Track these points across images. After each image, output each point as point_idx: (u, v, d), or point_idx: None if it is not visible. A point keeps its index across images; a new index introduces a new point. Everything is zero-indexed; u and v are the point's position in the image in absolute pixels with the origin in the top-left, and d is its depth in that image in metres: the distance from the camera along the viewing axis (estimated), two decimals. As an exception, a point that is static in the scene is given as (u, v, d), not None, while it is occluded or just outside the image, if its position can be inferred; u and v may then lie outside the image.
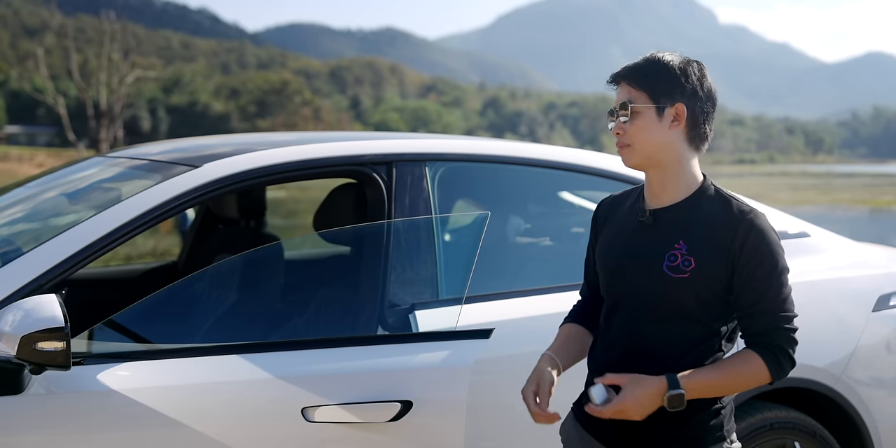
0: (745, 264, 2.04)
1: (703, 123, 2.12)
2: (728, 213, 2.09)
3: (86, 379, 2.22)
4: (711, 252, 2.06)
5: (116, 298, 2.94)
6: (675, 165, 2.12)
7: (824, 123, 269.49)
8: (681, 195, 2.13)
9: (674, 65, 2.11)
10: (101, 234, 2.39)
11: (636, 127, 2.09)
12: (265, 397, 2.27)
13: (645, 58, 2.15)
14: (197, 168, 2.62)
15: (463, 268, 2.71)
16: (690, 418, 2.12)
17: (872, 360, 3.29)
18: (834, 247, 3.49)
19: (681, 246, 2.08)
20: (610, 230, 2.24)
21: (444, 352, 2.31)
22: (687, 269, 2.06)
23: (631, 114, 2.09)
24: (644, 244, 2.13)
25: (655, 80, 2.09)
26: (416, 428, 2.28)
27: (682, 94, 2.09)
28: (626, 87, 2.12)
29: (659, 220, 2.13)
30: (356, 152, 2.85)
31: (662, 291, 2.09)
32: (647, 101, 2.09)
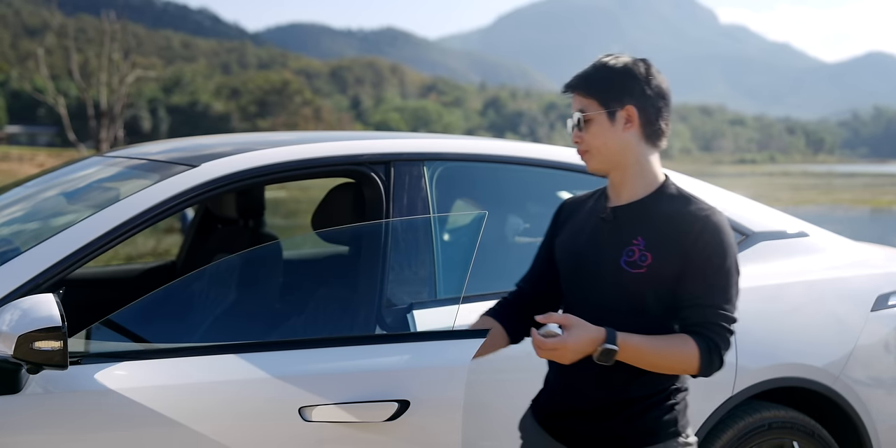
0: (696, 257, 2.10)
1: (657, 120, 2.18)
2: (687, 210, 2.14)
3: (83, 378, 2.22)
4: (668, 248, 2.11)
5: (115, 298, 2.94)
6: (635, 165, 2.19)
7: (825, 123, 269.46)
8: (640, 193, 2.20)
9: (618, 68, 2.17)
10: (99, 233, 2.39)
11: (591, 133, 2.17)
12: (262, 397, 2.27)
13: (593, 64, 2.21)
14: (195, 167, 2.62)
15: (461, 267, 2.71)
16: (645, 414, 2.17)
17: (871, 360, 3.29)
18: (833, 246, 3.49)
19: (639, 242, 2.14)
20: (571, 228, 2.30)
21: (442, 351, 2.30)
22: (644, 263, 2.12)
23: (585, 122, 2.16)
24: (603, 240, 2.19)
25: (603, 86, 2.16)
26: (414, 427, 2.27)
27: (630, 95, 2.15)
28: (578, 96, 2.19)
29: (619, 217, 2.20)
30: (354, 152, 2.85)
31: (620, 286, 2.14)
32: (598, 108, 2.16)
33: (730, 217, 3.28)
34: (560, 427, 2.26)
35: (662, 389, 2.19)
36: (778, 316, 3.18)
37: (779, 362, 3.13)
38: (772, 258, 3.27)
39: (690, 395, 2.21)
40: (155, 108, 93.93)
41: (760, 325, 3.11)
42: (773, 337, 3.14)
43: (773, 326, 3.15)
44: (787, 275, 3.26)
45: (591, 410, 2.21)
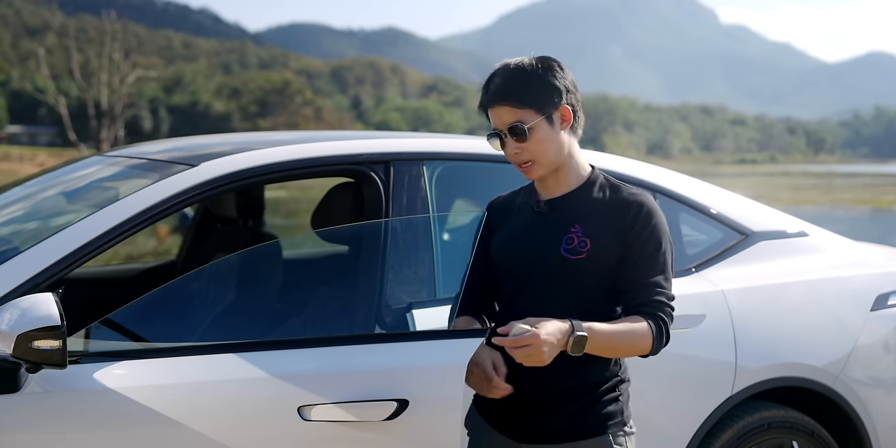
0: (634, 240, 2.16)
1: (579, 111, 2.23)
2: (620, 196, 2.21)
3: (82, 377, 2.22)
4: (606, 232, 2.17)
5: (114, 297, 2.94)
6: (569, 160, 2.24)
7: (826, 123, 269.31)
8: (573, 185, 2.25)
9: (540, 70, 2.18)
10: (98, 232, 2.39)
11: (534, 142, 2.17)
12: (261, 396, 2.27)
13: (509, 73, 2.18)
14: (194, 167, 2.63)
15: (460, 267, 2.70)
16: (592, 407, 2.21)
17: (871, 360, 3.29)
18: (832, 246, 3.49)
19: (577, 229, 2.19)
20: (506, 227, 2.32)
21: (440, 351, 2.30)
22: (583, 249, 2.17)
23: (525, 130, 2.15)
24: (541, 232, 2.23)
25: (535, 93, 2.16)
26: (413, 426, 2.28)
27: (559, 95, 2.18)
28: (507, 108, 2.17)
29: (554, 208, 2.24)
30: (354, 151, 2.85)
31: (561, 273, 2.18)
32: (536, 115, 2.16)
33: (729, 217, 3.29)
34: (509, 422, 2.28)
35: (608, 379, 2.24)
36: (777, 315, 3.19)
37: (778, 362, 3.13)
38: (771, 258, 3.28)
39: (690, 394, 2.23)
40: (156, 108, 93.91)
41: (760, 325, 3.11)
42: (772, 337, 3.14)
43: (773, 326, 3.16)
44: (787, 274, 3.26)
45: (541, 403, 2.23)
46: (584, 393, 2.22)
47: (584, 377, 2.22)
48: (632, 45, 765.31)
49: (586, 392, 2.22)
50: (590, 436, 2.21)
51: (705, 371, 3.00)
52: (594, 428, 2.21)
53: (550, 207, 2.25)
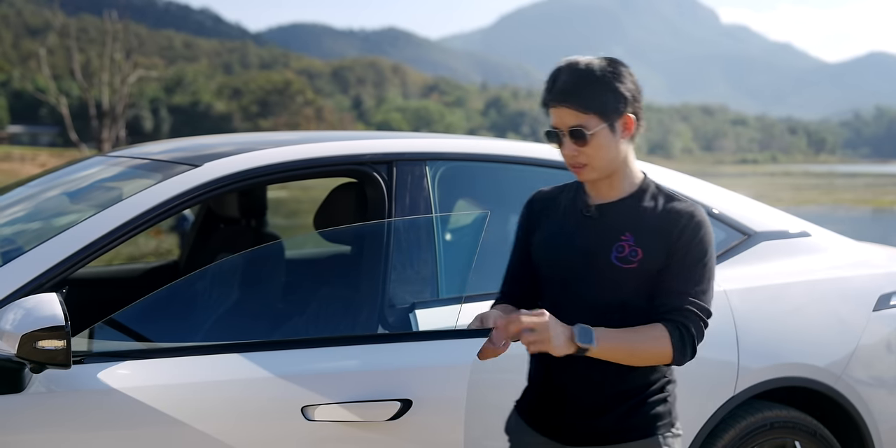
0: (678, 250, 2.13)
1: (641, 119, 2.19)
2: (671, 206, 2.18)
3: (86, 377, 2.22)
4: (656, 243, 2.14)
5: (118, 297, 2.94)
6: (624, 167, 2.20)
7: (827, 123, 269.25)
8: (625, 191, 2.22)
9: (610, 76, 2.12)
10: (102, 233, 2.40)
11: (593, 148, 2.13)
12: (265, 396, 2.27)
13: (577, 74, 2.12)
14: (198, 167, 2.63)
15: (463, 267, 2.71)
16: (642, 407, 2.20)
17: (873, 360, 3.29)
18: (834, 246, 3.49)
19: (627, 238, 2.16)
20: (550, 225, 2.28)
21: (444, 351, 2.30)
22: (634, 259, 2.14)
23: (587, 136, 2.11)
24: (590, 237, 2.20)
25: (601, 99, 2.11)
26: (416, 426, 2.28)
27: (625, 103, 2.13)
28: (570, 110, 2.11)
29: (605, 214, 2.21)
30: (356, 152, 2.85)
31: (610, 281, 2.16)
32: (600, 122, 2.12)
33: (731, 217, 3.29)
34: (555, 425, 2.27)
35: (657, 380, 2.23)
36: (780, 316, 3.18)
37: (781, 362, 3.13)
38: (774, 258, 3.28)
39: (692, 394, 2.24)
40: (157, 108, 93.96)
41: (762, 325, 3.11)
42: (775, 337, 3.14)
43: (775, 326, 3.16)
44: (789, 274, 3.26)
45: (590, 405, 2.21)
46: (632, 395, 2.20)
47: (632, 380, 2.19)
48: (633, 46, 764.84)
49: (634, 394, 2.20)
50: (639, 437, 2.19)
51: (708, 371, 3.00)
52: (643, 429, 2.20)
53: (601, 212, 2.20)
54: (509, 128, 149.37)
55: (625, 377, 2.19)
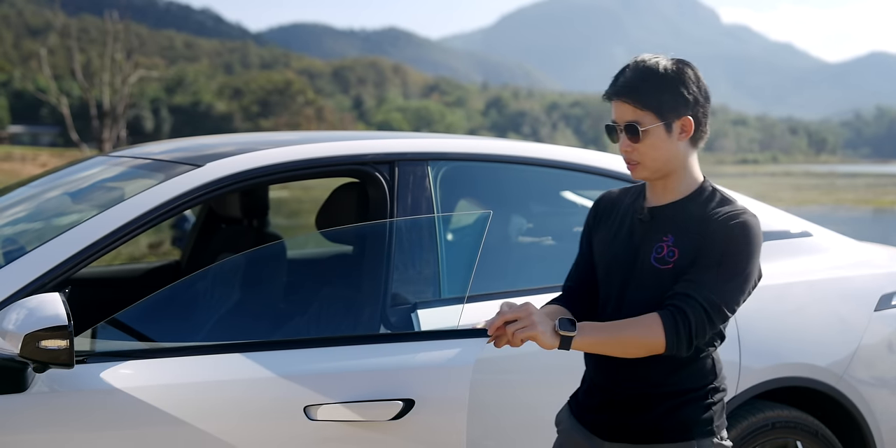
0: (706, 246, 2.09)
1: (704, 124, 2.17)
2: (719, 209, 2.14)
3: (89, 377, 2.22)
4: (694, 243, 2.11)
5: (120, 297, 2.95)
6: (681, 170, 2.18)
7: (827, 123, 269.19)
8: (681, 194, 2.19)
9: (672, 76, 2.10)
10: (104, 233, 2.40)
11: (646, 145, 2.12)
12: (267, 396, 2.28)
13: (640, 71, 2.12)
14: (200, 167, 2.63)
15: (465, 267, 2.71)
16: (682, 408, 2.18)
17: (874, 360, 3.30)
18: (836, 246, 3.49)
19: (668, 239, 2.15)
20: (608, 228, 2.29)
21: (446, 350, 2.31)
22: (671, 259, 2.13)
23: (640, 133, 2.10)
24: (638, 240, 2.20)
25: (659, 97, 2.09)
26: (418, 426, 2.28)
27: (685, 105, 2.11)
28: (628, 106, 2.11)
29: (655, 216, 2.19)
30: (358, 152, 2.85)
31: (650, 282, 2.15)
32: (655, 120, 2.10)
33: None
34: (596, 420, 2.26)
35: (701, 386, 2.20)
36: (781, 315, 3.19)
37: (782, 362, 3.13)
38: (775, 258, 3.27)
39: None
40: (157, 108, 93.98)
41: (764, 325, 3.12)
42: (776, 336, 3.14)
43: (777, 326, 3.16)
44: (791, 274, 3.26)
45: (629, 403, 2.21)
46: (673, 396, 2.18)
47: (676, 382, 2.18)
48: (634, 46, 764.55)
49: (675, 395, 2.18)
50: (673, 440, 2.17)
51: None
52: (678, 432, 2.18)
53: (652, 215, 2.19)
54: (510, 128, 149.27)
55: (670, 379, 2.17)
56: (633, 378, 2.20)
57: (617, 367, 2.19)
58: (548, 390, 2.66)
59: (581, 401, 2.33)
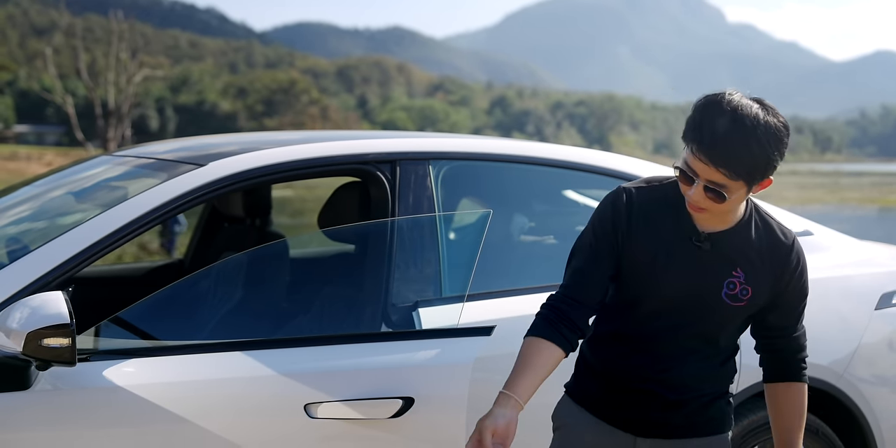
0: (791, 291, 2.16)
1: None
2: (776, 238, 2.15)
3: (92, 375, 2.24)
4: (766, 282, 2.14)
5: (123, 296, 2.96)
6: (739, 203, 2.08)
7: (833, 122, 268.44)
8: (733, 222, 2.13)
9: (772, 143, 1.95)
10: (107, 232, 2.41)
11: (728, 203, 2.01)
12: (268, 394, 2.29)
13: (737, 131, 1.92)
14: (202, 167, 2.64)
15: (466, 266, 2.72)
16: (715, 403, 2.24)
17: (875, 358, 3.30)
18: (837, 245, 3.49)
19: (738, 274, 2.12)
20: (653, 244, 2.12)
21: (446, 349, 2.32)
22: (745, 297, 2.13)
23: (722, 193, 1.98)
24: (704, 269, 2.12)
25: (754, 169, 1.95)
26: (418, 424, 2.30)
27: (773, 169, 1.99)
28: (718, 172, 1.94)
29: (716, 245, 2.11)
30: (360, 151, 2.86)
31: (716, 317, 2.14)
32: (742, 187, 1.99)
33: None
34: (626, 415, 2.24)
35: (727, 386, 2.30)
36: (782, 314, 3.18)
37: (783, 360, 3.13)
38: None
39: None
40: (162, 108, 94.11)
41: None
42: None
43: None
44: (791, 273, 3.26)
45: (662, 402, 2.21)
46: (710, 393, 2.23)
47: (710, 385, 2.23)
48: (639, 45, 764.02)
49: (708, 395, 2.23)
50: (707, 433, 2.23)
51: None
52: (713, 426, 2.24)
53: (713, 243, 2.10)
54: (514, 127, 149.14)
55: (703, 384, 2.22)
56: (668, 385, 2.20)
57: (651, 375, 2.20)
58: (549, 389, 2.66)
59: (600, 397, 2.26)
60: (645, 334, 2.19)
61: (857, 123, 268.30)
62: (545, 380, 2.05)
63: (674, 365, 2.18)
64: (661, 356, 2.19)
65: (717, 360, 2.22)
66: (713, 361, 2.22)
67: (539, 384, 2.03)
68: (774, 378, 2.26)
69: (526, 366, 2.02)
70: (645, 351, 2.19)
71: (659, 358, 2.19)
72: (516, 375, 2.01)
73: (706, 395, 2.23)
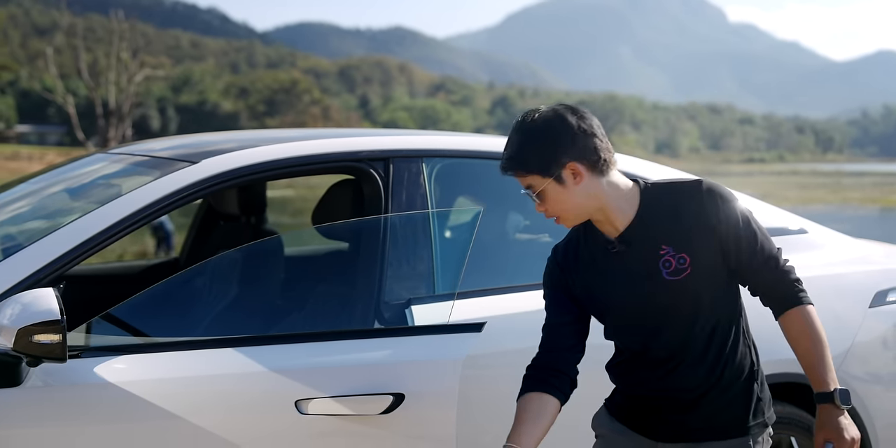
0: (731, 232, 2.12)
1: (600, 156, 2.11)
2: (682, 196, 2.15)
3: (83, 371, 2.25)
4: (698, 239, 2.12)
5: (119, 294, 2.96)
6: (607, 199, 2.14)
7: (834, 122, 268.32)
8: (630, 212, 2.16)
9: (542, 132, 2.09)
10: (99, 229, 2.42)
11: (551, 202, 2.12)
12: (259, 390, 2.30)
13: (515, 136, 2.12)
14: (195, 164, 2.65)
15: (459, 263, 2.73)
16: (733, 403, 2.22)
17: (869, 356, 3.30)
18: (831, 243, 3.49)
19: (667, 249, 2.13)
20: (587, 277, 2.23)
21: (436, 345, 2.33)
22: (685, 265, 2.12)
23: (538, 194, 2.12)
24: (636, 267, 2.16)
25: (534, 160, 2.09)
26: (408, 420, 2.30)
27: (565, 153, 2.08)
28: (517, 175, 2.13)
29: (629, 241, 2.16)
30: (353, 148, 2.86)
31: (678, 298, 2.14)
32: (543, 180, 2.10)
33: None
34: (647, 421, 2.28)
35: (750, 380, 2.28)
36: (776, 312, 3.18)
37: (776, 358, 3.12)
38: (770, 254, 3.28)
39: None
40: (164, 108, 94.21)
41: (757, 321, 3.10)
42: (770, 333, 3.12)
43: (771, 322, 3.14)
44: (786, 271, 3.26)
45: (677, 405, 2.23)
46: (723, 393, 2.21)
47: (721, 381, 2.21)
48: (640, 45, 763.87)
49: (726, 391, 2.22)
50: (728, 437, 2.21)
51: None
52: (733, 429, 2.22)
53: (625, 242, 2.16)
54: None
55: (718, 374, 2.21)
56: (677, 389, 2.21)
57: (657, 384, 2.23)
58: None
59: (624, 405, 2.32)
60: (635, 349, 2.23)
61: (859, 123, 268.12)
62: (549, 429, 2.13)
63: (672, 367, 2.20)
64: (658, 364, 2.21)
65: (718, 350, 2.20)
66: (713, 353, 2.19)
67: (542, 433, 2.10)
68: (779, 310, 2.24)
69: (521, 418, 2.11)
70: (642, 364, 2.24)
71: (657, 366, 2.21)
72: (515, 428, 2.09)
73: (723, 392, 2.20)
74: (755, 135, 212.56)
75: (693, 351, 2.19)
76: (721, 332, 2.20)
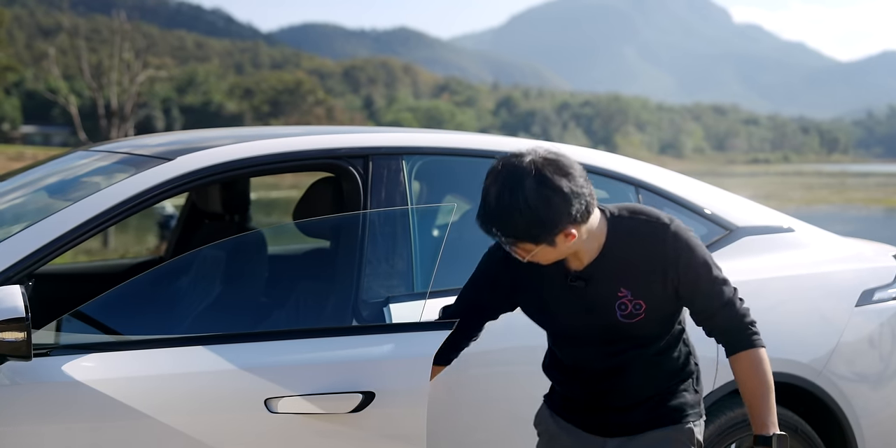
0: (689, 279, 2.16)
1: (588, 207, 2.05)
2: (646, 241, 2.13)
3: (51, 370, 2.22)
4: (655, 285, 2.14)
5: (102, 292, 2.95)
6: (581, 244, 2.12)
7: (839, 122, 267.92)
8: (596, 247, 2.15)
9: (539, 212, 1.97)
10: (70, 226, 2.40)
11: (538, 256, 2.09)
12: (229, 388, 2.28)
13: (497, 200, 1.99)
14: (170, 161, 2.63)
15: (438, 261, 2.71)
16: (674, 396, 2.29)
17: (855, 356, 3.27)
18: (818, 242, 3.46)
19: (624, 292, 2.15)
20: (536, 290, 2.25)
21: (407, 343, 2.30)
22: (640, 311, 2.16)
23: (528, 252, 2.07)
24: (591, 303, 2.18)
25: (530, 235, 2.01)
26: (379, 418, 2.28)
27: (561, 223, 2.01)
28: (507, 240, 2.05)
29: (590, 278, 2.16)
30: (331, 146, 2.84)
31: (623, 333, 2.19)
32: (534, 246, 2.04)
33: (714, 212, 3.27)
34: (593, 420, 2.33)
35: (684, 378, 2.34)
36: (761, 311, 3.10)
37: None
38: (755, 253, 3.25)
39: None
40: (168, 108, 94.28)
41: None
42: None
43: (756, 321, 3.13)
44: (771, 270, 3.24)
45: (623, 405, 2.30)
46: (663, 394, 2.29)
47: (663, 380, 2.30)
48: (645, 45, 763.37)
49: (663, 388, 2.29)
50: (668, 423, 2.28)
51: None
52: (675, 416, 2.29)
53: (586, 278, 2.16)
54: (520, 127, 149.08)
55: (654, 384, 2.28)
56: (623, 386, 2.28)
57: (595, 393, 2.29)
58: (527, 385, 2.65)
59: (564, 404, 2.37)
60: (571, 363, 2.30)
61: (864, 124, 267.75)
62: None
63: (615, 381, 2.26)
64: (595, 377, 2.27)
65: (660, 362, 2.27)
66: (655, 364, 2.26)
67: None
68: (730, 351, 2.26)
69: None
70: (577, 378, 2.30)
71: (594, 380, 2.28)
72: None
73: (662, 394, 2.28)
74: (760, 135, 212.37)
75: (635, 364, 2.25)
76: (664, 345, 2.26)
